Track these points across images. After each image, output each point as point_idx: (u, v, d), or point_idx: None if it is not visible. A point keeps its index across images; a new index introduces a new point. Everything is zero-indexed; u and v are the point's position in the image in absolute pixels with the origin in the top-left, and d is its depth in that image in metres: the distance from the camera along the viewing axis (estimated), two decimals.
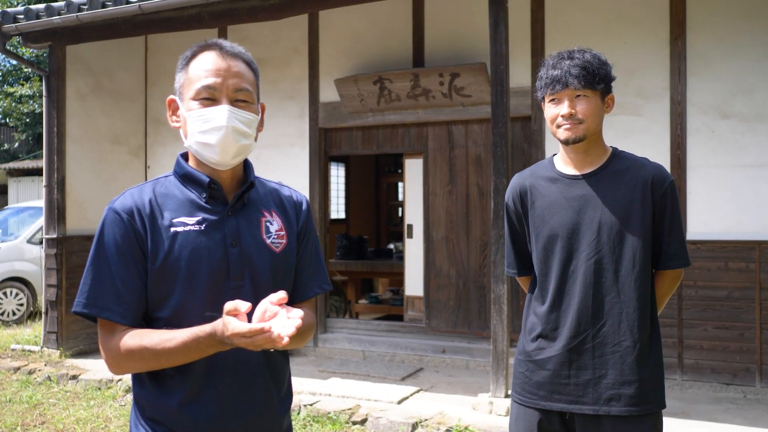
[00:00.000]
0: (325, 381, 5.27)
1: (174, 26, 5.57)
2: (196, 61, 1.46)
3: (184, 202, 1.45)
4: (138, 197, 1.44)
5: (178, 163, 1.50)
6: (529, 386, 1.98)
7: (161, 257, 1.39)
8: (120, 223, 1.40)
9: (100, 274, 1.39)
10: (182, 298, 1.40)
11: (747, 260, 4.87)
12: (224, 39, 6.23)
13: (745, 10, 4.92)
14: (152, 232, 1.41)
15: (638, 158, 1.99)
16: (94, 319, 1.42)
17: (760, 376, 4.83)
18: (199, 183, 1.46)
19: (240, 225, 1.47)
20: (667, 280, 1.99)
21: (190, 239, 1.41)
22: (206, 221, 1.44)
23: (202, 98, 1.44)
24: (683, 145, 5.07)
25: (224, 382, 1.43)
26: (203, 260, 1.41)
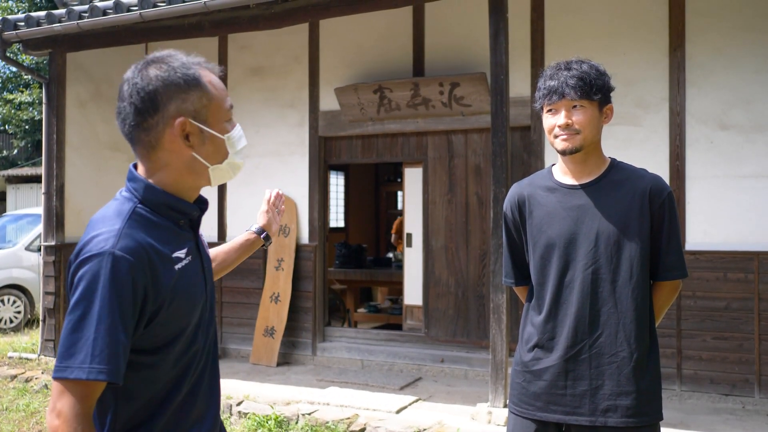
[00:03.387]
0: (323, 390, 5.25)
1: (175, 34, 5.59)
2: (208, 80, 1.37)
3: (169, 234, 1.34)
4: (138, 236, 1.26)
5: (152, 190, 1.33)
6: (525, 397, 1.97)
7: (171, 298, 1.28)
8: (128, 271, 1.22)
9: (108, 331, 1.19)
10: (186, 333, 1.34)
11: (746, 271, 4.87)
12: (224, 47, 6.20)
13: (744, 22, 4.95)
14: (161, 276, 1.27)
15: (636, 169, 1.99)
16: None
17: (759, 387, 4.81)
18: (184, 212, 1.37)
19: (202, 248, 1.46)
20: (665, 291, 1.99)
21: (188, 274, 1.35)
22: (190, 251, 1.38)
23: (229, 120, 1.40)
24: (682, 155, 5.08)
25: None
26: (198, 291, 1.38)
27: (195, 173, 1.36)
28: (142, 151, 1.35)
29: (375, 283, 8.32)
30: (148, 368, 1.29)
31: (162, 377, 1.31)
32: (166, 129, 1.32)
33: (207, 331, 1.42)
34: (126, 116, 1.33)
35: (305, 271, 6.31)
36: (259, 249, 1.91)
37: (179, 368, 1.34)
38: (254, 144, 6.63)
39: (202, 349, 1.40)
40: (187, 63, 1.36)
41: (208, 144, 1.36)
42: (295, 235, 6.31)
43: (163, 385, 1.32)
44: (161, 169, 1.34)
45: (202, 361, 1.40)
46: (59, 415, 1.18)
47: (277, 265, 6.29)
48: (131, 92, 1.32)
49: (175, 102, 1.32)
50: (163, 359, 1.30)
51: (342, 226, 10.68)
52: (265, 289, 6.33)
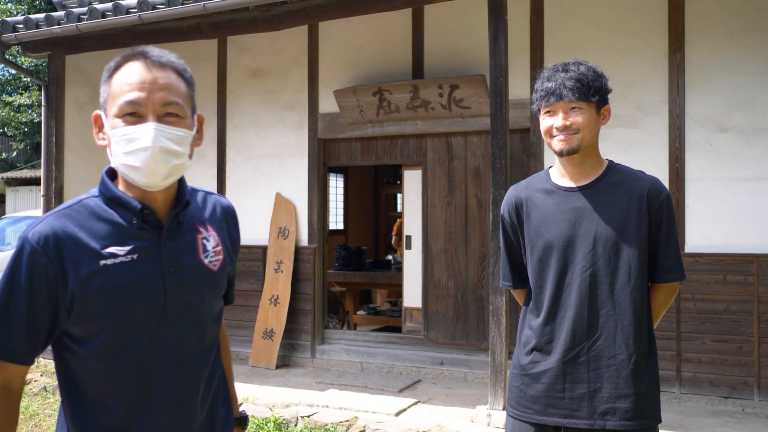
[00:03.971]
0: (322, 392, 5.24)
1: (174, 37, 5.59)
2: (120, 74, 1.32)
3: (113, 229, 1.31)
4: (58, 225, 1.28)
5: (104, 184, 1.34)
6: (524, 400, 1.96)
7: (89, 293, 1.26)
8: (35, 256, 1.25)
9: (12, 314, 1.25)
10: (116, 332, 1.29)
11: (745, 273, 4.87)
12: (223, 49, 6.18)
13: (743, 25, 4.95)
14: (75, 266, 1.26)
15: (634, 171, 1.98)
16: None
17: (758, 390, 4.81)
18: (129, 208, 1.32)
19: (176, 248, 1.36)
20: (663, 294, 1.98)
21: (122, 272, 1.29)
22: (139, 249, 1.31)
23: (126, 114, 1.30)
24: (681, 158, 5.08)
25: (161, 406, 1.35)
26: (138, 294, 1.30)
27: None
28: None
29: (374, 285, 8.32)
30: (81, 358, 1.31)
31: (95, 370, 1.31)
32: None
33: (165, 338, 1.34)
34: None
35: (304, 273, 6.30)
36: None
37: (112, 369, 1.31)
38: (253, 146, 6.63)
39: (152, 360, 1.33)
40: (122, 55, 1.35)
41: (108, 140, 1.34)
42: (295, 238, 6.31)
43: (99, 381, 1.31)
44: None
45: (155, 373, 1.33)
46: None
47: (276, 267, 6.29)
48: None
49: (100, 95, 1.36)
50: (91, 353, 1.30)
51: (341, 228, 10.68)
52: (264, 292, 6.32)
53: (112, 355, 1.30)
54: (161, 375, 1.34)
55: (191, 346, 1.38)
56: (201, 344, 1.40)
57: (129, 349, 1.30)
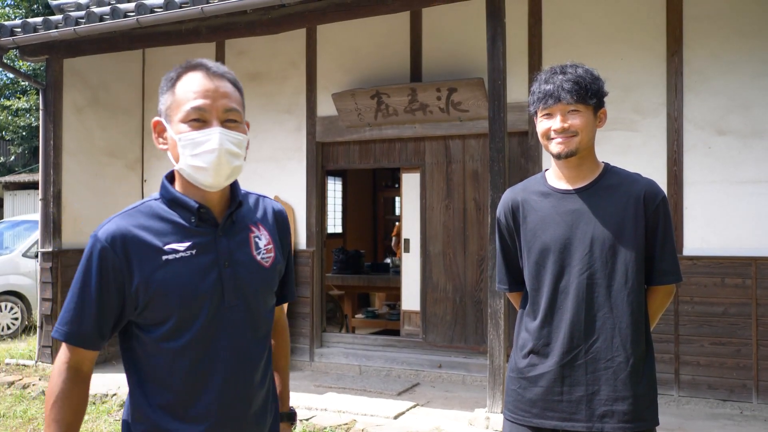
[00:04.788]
0: (321, 396, 5.23)
1: (171, 40, 5.59)
2: (183, 82, 1.45)
3: (173, 227, 1.44)
4: (124, 224, 1.42)
5: (164, 187, 1.48)
6: (521, 403, 1.96)
7: (153, 285, 1.39)
8: (104, 253, 1.39)
9: (84, 304, 1.40)
10: (178, 320, 1.41)
11: (743, 276, 4.87)
12: (222, 53, 6.19)
13: (741, 27, 4.96)
14: (140, 262, 1.40)
15: (630, 173, 1.98)
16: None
17: (756, 392, 4.81)
18: (188, 208, 1.45)
19: (231, 245, 1.48)
20: (660, 296, 1.98)
21: (182, 266, 1.41)
22: (197, 246, 1.44)
23: (192, 120, 1.42)
24: (680, 161, 5.09)
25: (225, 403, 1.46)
26: (197, 285, 1.42)
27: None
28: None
29: (373, 288, 8.31)
30: (146, 345, 1.43)
31: (158, 356, 1.43)
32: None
33: (221, 329, 1.44)
34: None
35: (303, 276, 6.30)
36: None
37: (173, 354, 1.42)
38: (252, 149, 6.60)
39: (210, 346, 1.43)
40: (181, 66, 1.48)
41: (171, 145, 1.46)
42: (293, 241, 6.30)
43: (161, 366, 1.43)
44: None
45: (211, 357, 1.43)
46: (56, 360, 1.44)
47: None
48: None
49: (159, 103, 1.49)
50: (154, 339, 1.42)
51: (340, 231, 10.67)
52: None
53: (175, 340, 1.41)
54: (218, 362, 1.44)
55: (246, 336, 1.48)
56: (255, 335, 1.50)
57: (189, 336, 1.42)
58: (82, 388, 1.43)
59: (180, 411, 1.43)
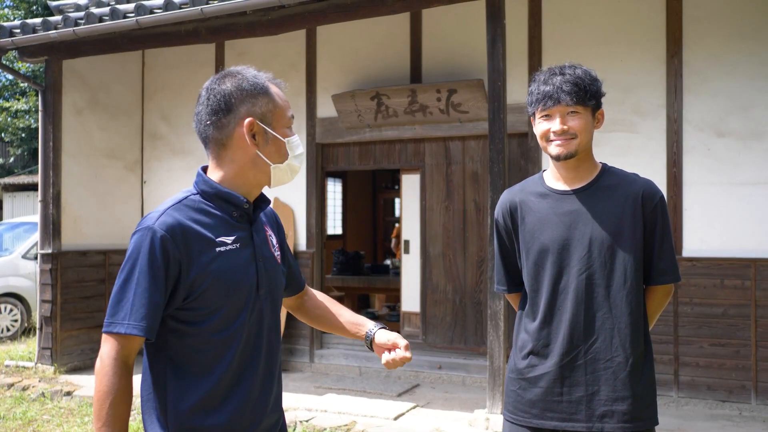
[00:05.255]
0: (320, 397, 5.23)
1: (171, 41, 5.59)
2: (275, 92, 1.57)
3: (219, 221, 1.52)
4: (179, 217, 1.47)
5: (207, 183, 1.55)
6: (521, 404, 1.96)
7: (209, 276, 1.46)
8: (165, 243, 1.43)
9: (153, 294, 1.42)
10: (227, 310, 1.50)
11: (743, 277, 4.87)
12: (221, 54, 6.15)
13: (740, 29, 4.96)
14: (198, 253, 1.46)
15: (628, 174, 1.98)
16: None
17: (755, 393, 4.81)
18: (235, 204, 1.54)
19: (259, 241, 1.59)
20: (658, 296, 1.98)
21: (231, 258, 1.50)
22: (240, 239, 1.54)
23: (290, 127, 1.59)
24: (679, 162, 5.09)
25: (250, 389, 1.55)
26: (243, 276, 1.52)
27: (257, 169, 1.55)
28: (214, 149, 1.56)
29: (373, 290, 8.31)
30: (190, 337, 1.48)
31: (204, 348, 1.48)
32: (236, 128, 1.52)
33: (260, 318, 1.55)
34: (202, 117, 1.55)
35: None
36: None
37: (221, 343, 1.49)
38: None
39: (250, 334, 1.53)
40: (257, 75, 1.57)
41: (271, 144, 1.55)
42: (293, 242, 6.30)
43: (207, 357, 1.48)
44: (227, 165, 1.55)
45: (250, 345, 1.53)
46: (100, 359, 1.43)
47: None
48: (208, 96, 1.54)
49: (245, 105, 1.53)
50: (203, 331, 1.48)
51: (340, 233, 10.67)
52: None
53: (224, 330, 1.49)
54: (257, 349, 1.54)
55: (273, 325, 1.61)
56: (277, 325, 1.64)
57: (236, 326, 1.50)
58: (131, 382, 1.46)
59: (218, 401, 1.48)
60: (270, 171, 1.56)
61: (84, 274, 6.39)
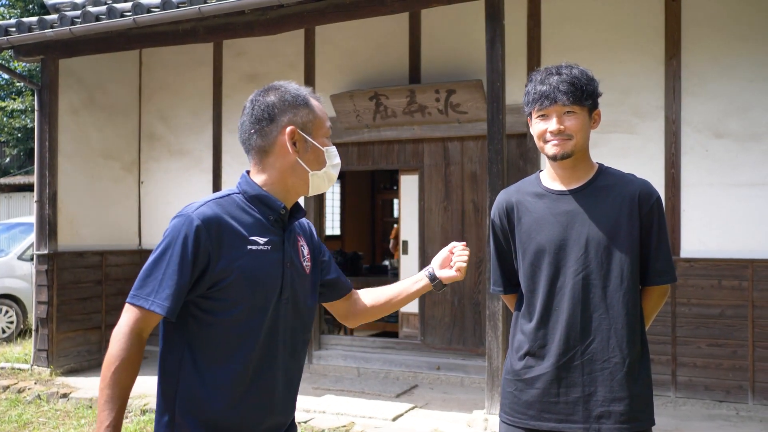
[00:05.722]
0: (319, 398, 5.22)
1: (169, 40, 5.57)
2: (314, 104, 1.66)
3: (255, 222, 1.60)
4: (218, 210, 1.56)
5: (250, 184, 1.64)
6: (518, 406, 1.95)
7: (235, 270, 1.53)
8: (199, 232, 1.51)
9: (179, 277, 1.50)
10: (249, 306, 1.56)
11: (740, 278, 4.88)
12: (219, 53, 6.13)
13: (739, 31, 4.97)
14: (229, 247, 1.54)
15: (624, 174, 1.98)
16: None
17: (752, 394, 4.82)
18: (272, 207, 1.63)
19: (289, 248, 1.66)
20: (655, 296, 1.98)
21: (260, 257, 1.58)
22: (272, 242, 1.61)
23: (328, 137, 1.69)
24: (677, 163, 5.09)
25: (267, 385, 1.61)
26: (268, 277, 1.59)
27: (296, 176, 1.64)
28: (256, 156, 1.65)
29: None
30: (209, 326, 1.55)
31: (221, 339, 1.55)
32: (278, 136, 1.62)
33: (277, 321, 1.61)
34: (246, 126, 1.65)
35: None
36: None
37: (238, 338, 1.55)
38: None
39: (268, 334, 1.59)
40: (299, 88, 1.68)
41: (310, 153, 1.64)
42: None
43: (222, 349, 1.55)
44: (268, 170, 1.64)
45: (267, 346, 1.59)
46: (119, 326, 1.52)
47: None
48: (253, 106, 1.65)
49: (287, 115, 1.63)
50: (222, 322, 1.54)
51: (338, 233, 10.66)
52: None
53: (242, 325, 1.55)
54: (276, 349, 1.61)
55: (297, 332, 1.68)
56: (303, 335, 1.71)
57: (255, 322, 1.57)
58: (141, 354, 1.53)
59: (228, 393, 1.54)
60: (308, 178, 1.65)
61: (80, 275, 6.36)
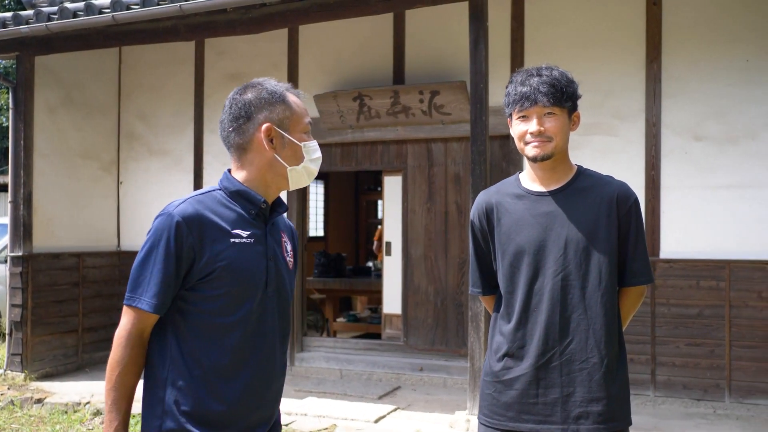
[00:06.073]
0: (301, 400, 5.19)
1: (149, 38, 5.49)
2: (292, 100, 1.70)
3: (237, 216, 1.64)
4: (198, 207, 1.60)
5: (230, 180, 1.68)
6: (496, 407, 1.94)
7: (220, 263, 1.57)
8: (180, 229, 1.55)
9: (160, 272, 1.54)
10: (234, 298, 1.60)
11: (717, 279, 4.94)
12: (201, 52, 6.06)
13: (719, 36, 5.03)
14: (212, 241, 1.58)
15: (603, 176, 2.00)
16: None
17: (729, 392, 4.88)
18: (253, 202, 1.66)
19: (272, 242, 1.70)
20: (632, 297, 1.99)
21: (243, 250, 1.62)
22: (254, 236, 1.65)
23: (307, 132, 1.71)
24: (657, 165, 5.15)
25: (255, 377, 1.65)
26: (252, 268, 1.63)
27: (275, 172, 1.68)
28: (236, 153, 1.69)
29: (354, 292, 8.26)
30: (195, 317, 1.59)
31: (206, 331, 1.59)
32: (255, 133, 1.65)
33: (264, 314, 1.65)
34: (225, 124, 1.69)
35: None
36: None
37: (223, 329, 1.59)
38: None
39: (253, 326, 1.62)
40: (277, 84, 1.71)
41: (288, 149, 1.68)
42: None
43: (207, 341, 1.58)
44: (247, 167, 1.68)
45: (252, 338, 1.62)
46: (119, 330, 1.58)
47: None
48: (231, 105, 1.69)
49: (263, 112, 1.66)
50: (208, 313, 1.58)
51: (322, 235, 10.61)
52: None
53: (228, 317, 1.59)
54: (263, 341, 1.64)
55: (283, 325, 1.72)
56: (288, 328, 1.75)
57: (241, 314, 1.60)
58: (143, 354, 1.59)
59: (214, 386, 1.57)
60: (287, 173, 1.68)
61: (57, 277, 6.23)
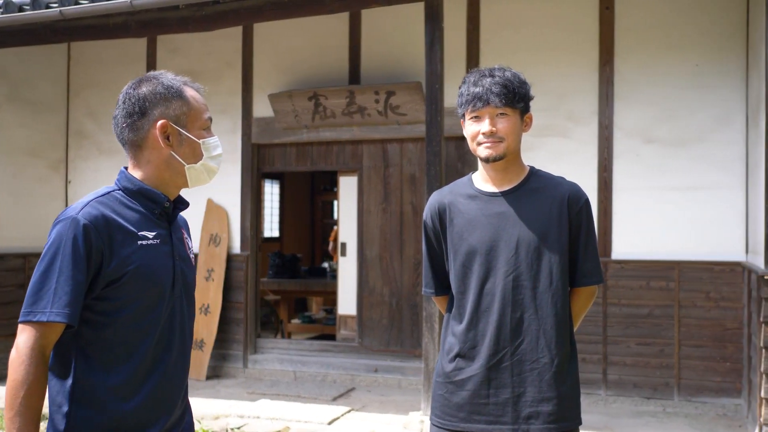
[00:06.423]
0: (253, 403, 5.11)
1: (99, 34, 5.34)
2: (191, 95, 1.63)
3: (141, 217, 1.57)
4: (102, 209, 1.51)
5: (129, 180, 1.60)
6: (448, 408, 1.94)
7: (129, 267, 1.51)
8: (87, 233, 1.46)
9: (75, 281, 1.45)
10: (144, 302, 1.54)
11: (667, 279, 5.07)
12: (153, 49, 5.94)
13: (670, 41, 5.15)
14: (120, 244, 1.50)
15: (554, 177, 2.02)
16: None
17: (678, 390, 5.01)
18: (156, 201, 1.60)
19: (176, 240, 1.66)
20: (583, 297, 2.01)
21: (151, 252, 1.56)
22: (160, 236, 1.60)
23: (207, 128, 1.66)
24: (610, 167, 5.25)
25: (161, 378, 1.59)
26: (161, 270, 1.57)
27: (172, 170, 1.61)
28: (131, 150, 1.62)
29: (310, 293, 8.20)
30: (104, 328, 1.50)
31: (117, 340, 1.51)
32: (150, 130, 1.58)
33: (173, 314, 1.60)
34: (119, 120, 1.61)
35: (236, 281, 6.14)
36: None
37: (134, 336, 1.52)
38: None
39: (164, 329, 1.57)
40: (174, 78, 1.64)
41: (186, 146, 1.61)
42: (227, 245, 6.14)
43: (119, 350, 1.51)
44: (145, 165, 1.61)
45: (163, 341, 1.57)
46: (16, 348, 1.44)
47: (207, 275, 6.09)
48: (124, 99, 1.61)
49: (159, 108, 1.59)
50: (117, 322, 1.50)
51: (277, 236, 10.51)
52: None
53: (138, 322, 1.52)
54: (169, 345, 1.58)
55: (189, 324, 1.67)
56: (191, 327, 1.70)
57: (152, 318, 1.54)
58: (47, 372, 1.48)
59: (127, 394, 1.51)
60: (185, 171, 1.62)
61: (1, 279, 6.02)
